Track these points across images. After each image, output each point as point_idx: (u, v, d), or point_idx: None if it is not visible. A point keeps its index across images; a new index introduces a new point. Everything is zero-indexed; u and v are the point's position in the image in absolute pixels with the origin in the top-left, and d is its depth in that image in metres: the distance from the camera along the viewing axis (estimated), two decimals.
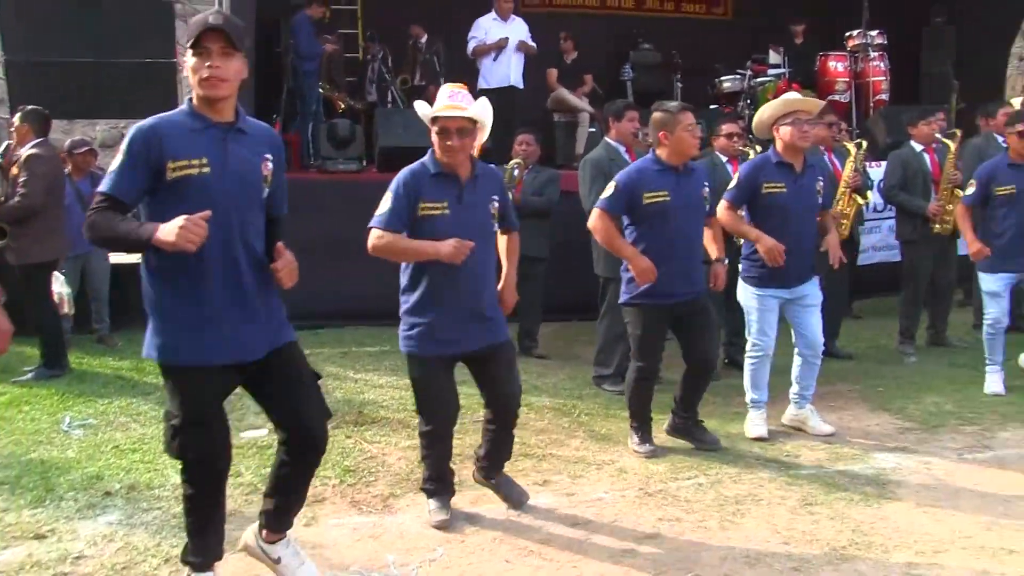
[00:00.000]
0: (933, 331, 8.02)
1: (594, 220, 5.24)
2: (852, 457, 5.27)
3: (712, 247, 5.44)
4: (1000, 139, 8.06)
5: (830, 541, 4.13)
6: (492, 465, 4.58)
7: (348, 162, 9.53)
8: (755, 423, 5.64)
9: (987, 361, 6.59)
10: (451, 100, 4.18)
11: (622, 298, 5.33)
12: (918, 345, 7.77)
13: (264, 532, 3.67)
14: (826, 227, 5.77)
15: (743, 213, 5.56)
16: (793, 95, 5.77)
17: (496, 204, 4.35)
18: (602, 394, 6.56)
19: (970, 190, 6.51)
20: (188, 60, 3.24)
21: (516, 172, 7.39)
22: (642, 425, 5.38)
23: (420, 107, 4.34)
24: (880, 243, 9.58)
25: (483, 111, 4.23)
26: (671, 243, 5.12)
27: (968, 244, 6.45)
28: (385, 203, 4.20)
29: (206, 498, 3.49)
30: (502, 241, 4.54)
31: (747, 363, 5.65)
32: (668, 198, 5.10)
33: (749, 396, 5.67)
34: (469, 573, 3.90)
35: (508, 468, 4.97)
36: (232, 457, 3.54)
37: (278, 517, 3.66)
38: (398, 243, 4.17)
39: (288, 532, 3.71)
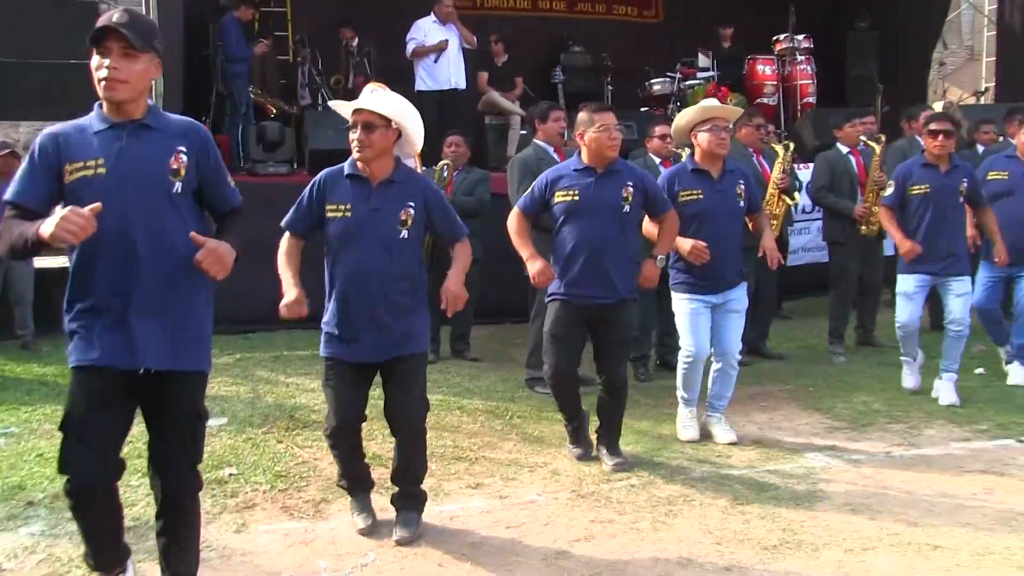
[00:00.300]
0: (861, 331, 8.13)
1: (510, 218, 5.20)
2: (783, 457, 5.31)
3: (658, 243, 5.29)
4: (922, 141, 8.20)
5: (761, 540, 4.14)
6: (399, 478, 4.30)
7: (278, 165, 9.41)
8: (687, 424, 5.62)
9: (902, 357, 6.65)
10: (363, 97, 4.16)
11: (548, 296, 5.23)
12: (847, 345, 7.88)
13: None
14: (761, 229, 5.74)
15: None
16: (711, 102, 5.79)
17: (411, 211, 4.13)
18: (535, 396, 6.53)
19: (889, 191, 6.57)
20: (92, 60, 3.11)
21: (445, 173, 7.34)
22: (573, 424, 5.27)
23: (338, 106, 4.28)
24: (809, 244, 9.71)
25: (395, 109, 4.10)
26: (584, 244, 4.98)
27: (898, 243, 6.49)
28: (293, 206, 4.18)
29: (90, 515, 3.27)
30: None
31: (680, 367, 5.62)
32: (578, 198, 4.99)
33: (680, 394, 5.66)
34: None
35: (440, 471, 4.95)
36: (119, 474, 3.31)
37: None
38: (283, 259, 4.19)
39: None
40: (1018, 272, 6.76)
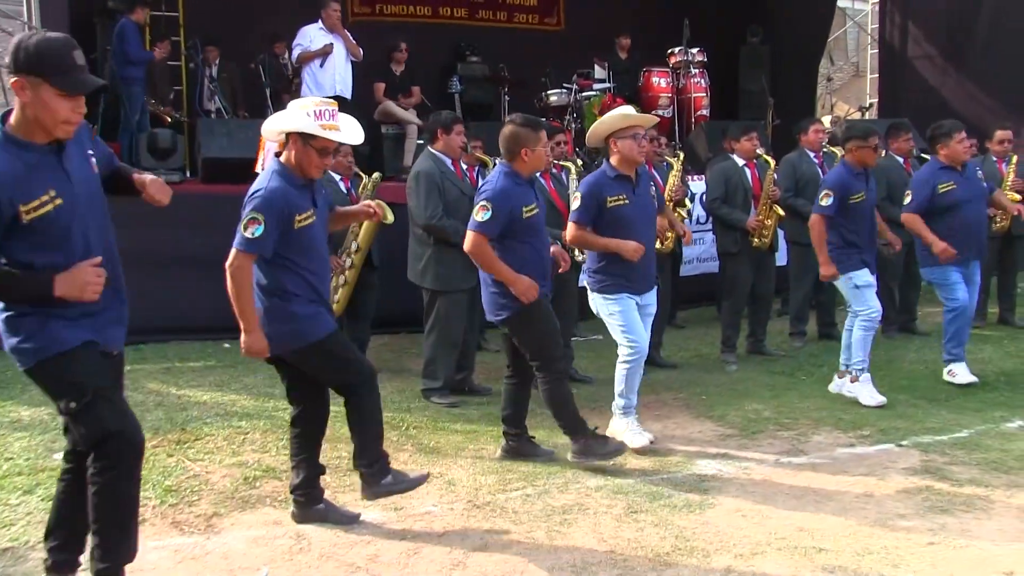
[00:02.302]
0: (753, 340, 8.30)
1: (472, 245, 5.11)
2: (676, 464, 5.39)
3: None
4: (811, 154, 8.45)
5: (654, 547, 4.20)
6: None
7: (169, 173, 9.19)
8: (636, 432, 5.62)
9: (861, 364, 6.72)
10: (334, 120, 4.23)
11: (502, 317, 5.21)
12: (738, 354, 8.04)
13: None
14: (672, 222, 5.99)
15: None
16: (629, 109, 5.88)
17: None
18: (431, 407, 6.51)
19: (825, 201, 6.68)
20: (47, 95, 3.15)
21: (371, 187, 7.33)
22: (584, 427, 5.30)
23: (295, 120, 4.23)
24: (703, 255, 9.88)
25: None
26: (540, 252, 5.26)
27: (822, 266, 6.73)
28: (254, 227, 4.07)
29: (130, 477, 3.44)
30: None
31: (622, 368, 5.62)
32: (537, 210, 5.20)
33: (623, 403, 5.66)
34: None
35: (335, 482, 4.90)
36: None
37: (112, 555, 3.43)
38: (247, 293, 4.17)
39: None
40: (968, 273, 7.05)
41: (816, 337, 8.59)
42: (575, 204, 5.63)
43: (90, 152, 3.43)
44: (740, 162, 8.06)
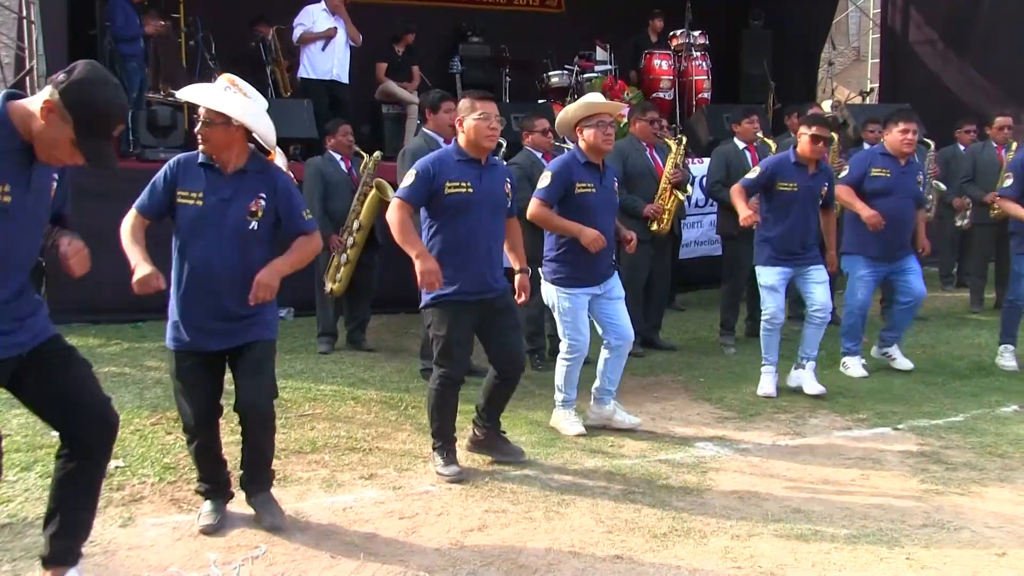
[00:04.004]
0: (751, 323, 8.30)
1: (392, 210, 4.80)
2: (674, 446, 5.41)
3: (513, 258, 5.18)
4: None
5: (651, 529, 4.23)
6: (248, 479, 4.29)
7: (169, 151, 9.16)
8: (571, 421, 5.61)
9: (763, 360, 6.64)
10: (204, 91, 4.09)
11: (423, 302, 4.94)
12: (737, 337, 8.05)
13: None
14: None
15: None
16: (595, 96, 5.79)
17: (262, 203, 4.06)
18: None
19: (753, 174, 6.66)
20: (63, 136, 3.09)
21: (371, 165, 7.33)
22: (447, 444, 4.93)
23: (184, 95, 4.15)
24: (702, 238, 9.89)
25: (235, 110, 3.98)
26: (474, 237, 4.83)
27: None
28: (148, 186, 4.06)
29: None
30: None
31: (562, 363, 5.59)
32: (471, 190, 4.80)
33: (562, 396, 5.64)
34: (293, 570, 3.82)
35: (334, 461, 4.92)
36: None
37: (61, 542, 3.43)
38: (128, 236, 4.00)
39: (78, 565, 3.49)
40: (900, 268, 6.95)
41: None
42: (543, 182, 5.46)
43: (55, 176, 3.32)
44: (741, 145, 8.06)
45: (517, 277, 5.13)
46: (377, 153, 7.39)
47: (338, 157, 7.42)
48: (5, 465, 4.73)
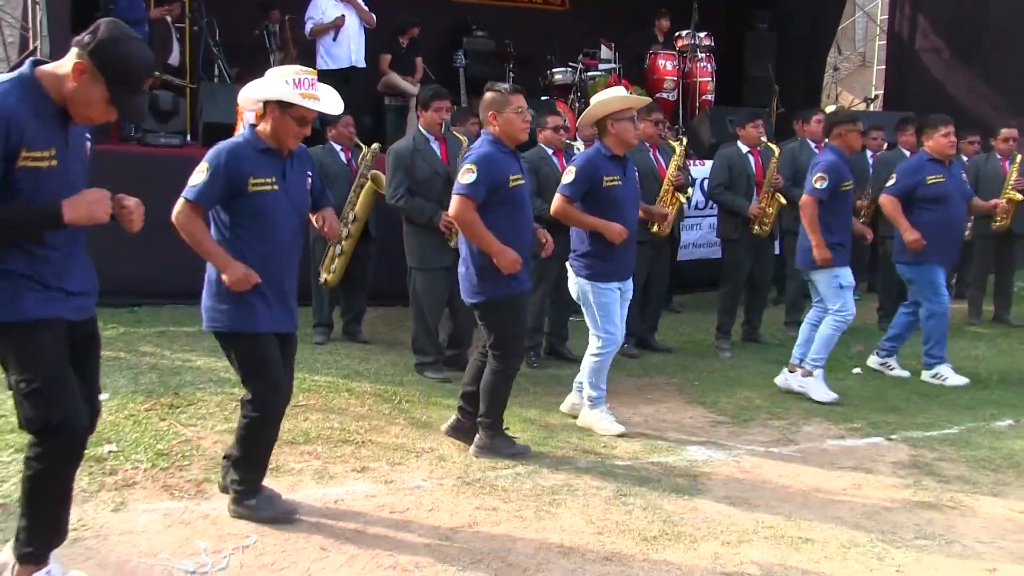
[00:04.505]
0: (748, 327, 8.32)
1: (460, 210, 4.91)
2: (666, 449, 5.40)
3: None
4: (812, 144, 8.43)
5: (642, 531, 4.22)
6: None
7: (170, 136, 9.14)
8: (610, 421, 5.61)
9: (817, 362, 6.54)
10: (312, 89, 4.08)
11: (491, 294, 5.00)
12: (733, 341, 8.04)
13: (17, 569, 3.38)
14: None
15: None
16: (620, 91, 5.84)
17: (310, 181, 4.30)
18: (423, 381, 6.52)
19: (820, 184, 6.49)
20: (97, 95, 3.13)
21: (368, 157, 7.31)
22: (498, 429, 5.14)
23: (274, 88, 4.07)
24: (700, 240, 9.88)
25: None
26: (526, 227, 5.10)
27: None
28: (199, 175, 4.00)
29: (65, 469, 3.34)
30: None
31: (595, 358, 5.59)
32: (523, 181, 5.06)
33: (594, 393, 5.63)
34: (283, 561, 3.81)
35: (327, 453, 4.91)
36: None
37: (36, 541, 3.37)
38: (202, 233, 4.02)
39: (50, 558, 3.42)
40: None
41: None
42: (567, 178, 5.54)
43: (88, 136, 3.39)
44: (744, 149, 8.05)
45: (537, 233, 5.33)
46: (375, 145, 7.37)
47: (338, 148, 7.39)
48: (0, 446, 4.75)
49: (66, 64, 3.12)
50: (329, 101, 4.16)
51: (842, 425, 5.98)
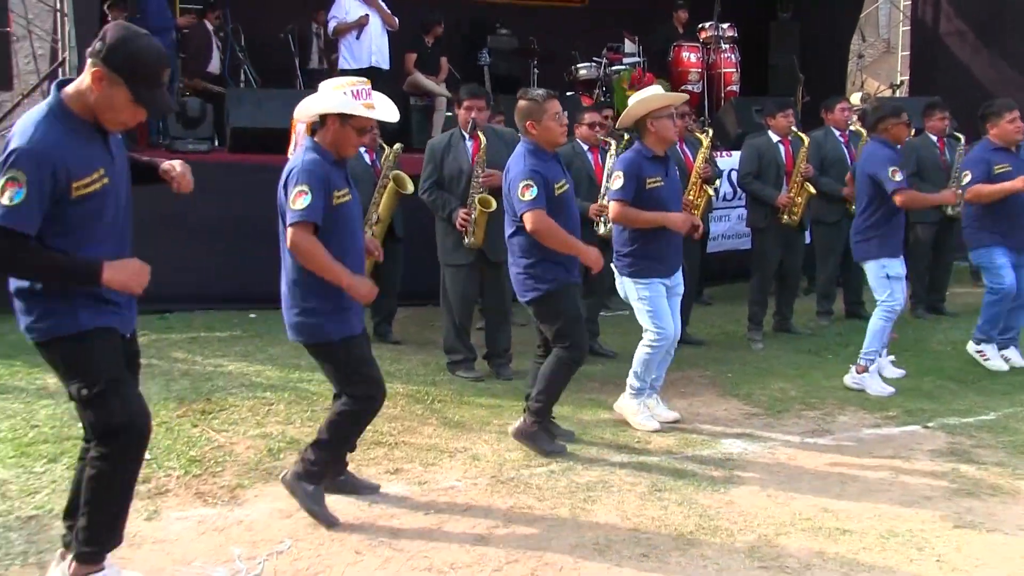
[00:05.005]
0: (779, 318, 8.26)
1: (533, 224, 4.99)
2: (701, 443, 5.38)
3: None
4: (837, 133, 8.36)
5: (678, 526, 4.21)
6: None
7: (198, 142, 9.20)
8: (645, 415, 5.61)
9: (871, 354, 6.50)
10: (370, 99, 4.19)
11: (547, 285, 5.11)
12: (765, 332, 7.99)
13: (73, 566, 3.44)
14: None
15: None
16: (659, 89, 5.85)
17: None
18: (456, 380, 6.52)
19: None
20: (121, 98, 3.21)
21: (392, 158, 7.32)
22: (546, 419, 5.25)
23: (333, 101, 4.15)
24: (729, 231, 9.83)
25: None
26: (573, 228, 5.16)
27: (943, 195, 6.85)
28: (304, 197, 4.02)
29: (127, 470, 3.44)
30: None
31: (644, 351, 5.58)
32: (568, 185, 5.17)
33: (637, 384, 5.62)
34: (317, 565, 3.82)
35: (360, 456, 4.92)
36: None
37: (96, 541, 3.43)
38: (325, 254, 4.07)
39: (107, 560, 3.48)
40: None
41: (843, 316, 8.53)
42: (616, 183, 5.56)
43: (119, 137, 3.48)
44: (775, 138, 8.00)
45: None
46: (398, 145, 7.38)
47: (362, 149, 7.40)
48: (32, 456, 4.80)
49: (86, 77, 3.18)
50: (385, 109, 4.28)
51: (878, 414, 5.93)
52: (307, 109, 4.23)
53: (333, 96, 4.14)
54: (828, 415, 5.92)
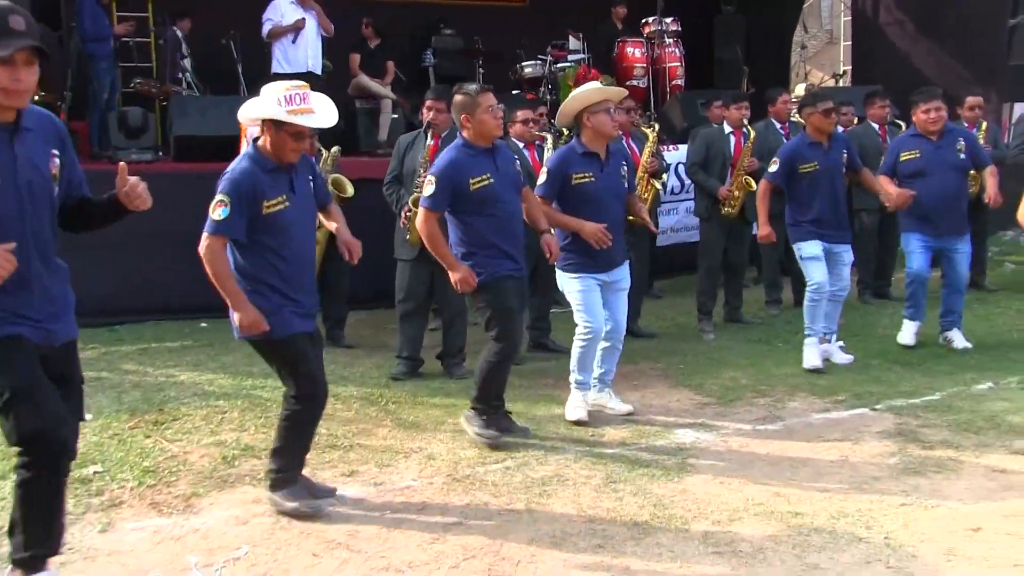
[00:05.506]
0: (729, 308, 8.35)
1: (421, 222, 5.11)
2: (654, 433, 5.43)
3: (537, 219, 5.38)
4: (778, 125, 8.47)
5: (633, 516, 4.25)
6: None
7: (142, 152, 9.12)
8: (577, 406, 5.64)
9: (807, 331, 6.73)
10: (304, 103, 4.14)
11: (482, 278, 5.11)
12: (715, 322, 8.08)
13: (17, 573, 3.42)
14: (634, 206, 5.95)
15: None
16: (595, 84, 5.86)
17: (311, 185, 4.38)
18: (409, 382, 6.52)
19: (773, 168, 6.79)
20: None
21: (330, 162, 7.29)
22: (490, 407, 5.28)
23: (265, 107, 4.15)
24: (677, 224, 9.92)
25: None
26: (507, 221, 5.14)
27: (760, 226, 6.78)
28: (220, 209, 4.05)
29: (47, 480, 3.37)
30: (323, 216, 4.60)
31: (577, 344, 5.62)
32: (492, 180, 5.08)
33: (575, 377, 5.67)
34: (275, 570, 3.82)
35: (314, 459, 4.90)
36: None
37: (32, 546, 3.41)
38: (227, 272, 4.11)
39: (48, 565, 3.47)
40: (950, 245, 7.04)
41: (792, 304, 8.64)
42: (540, 179, 5.60)
43: (55, 152, 3.33)
44: (728, 129, 8.09)
45: (543, 238, 5.34)
46: (335, 149, 7.36)
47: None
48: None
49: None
50: (321, 114, 4.22)
51: (827, 398, 6.03)
52: (245, 115, 4.25)
53: (267, 102, 4.13)
54: (779, 402, 6.01)
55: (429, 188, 5.05)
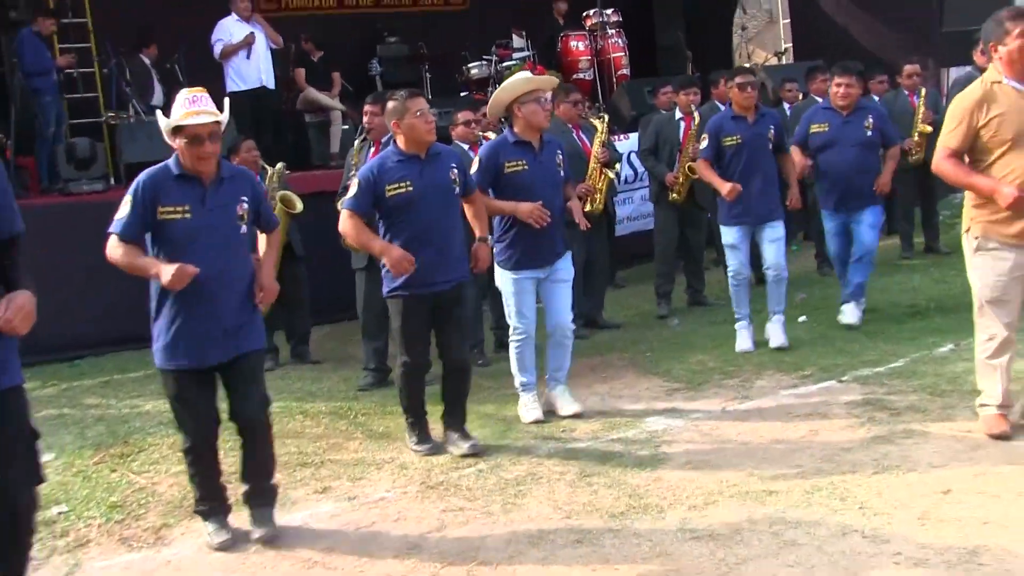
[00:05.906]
0: (691, 291, 8.39)
1: (342, 222, 5.09)
2: (625, 424, 5.43)
3: (475, 224, 5.34)
4: (722, 107, 8.51)
5: (609, 509, 4.25)
6: (253, 492, 4.33)
7: (92, 182, 8.99)
8: (529, 407, 5.62)
9: (735, 316, 6.83)
10: (194, 106, 4.03)
11: (384, 290, 5.14)
12: (679, 307, 8.11)
13: None
14: (568, 195, 5.88)
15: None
16: (527, 74, 5.85)
17: (245, 206, 4.20)
18: (377, 392, 6.48)
19: (703, 144, 6.81)
20: None
21: (276, 179, 7.20)
22: (417, 421, 5.25)
23: (161, 120, 4.12)
24: (634, 213, 9.95)
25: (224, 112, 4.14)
26: (424, 232, 4.99)
27: (719, 188, 6.66)
28: (124, 208, 4.02)
29: None
30: (262, 240, 4.43)
31: (512, 348, 5.63)
32: (411, 188, 4.96)
33: (518, 380, 5.65)
34: None
35: (286, 479, 4.86)
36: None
37: None
38: (131, 256, 4.03)
39: None
40: (854, 218, 7.03)
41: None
42: (472, 169, 5.53)
43: None
44: (678, 115, 8.13)
45: (474, 245, 5.28)
46: (280, 165, 7.28)
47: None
48: None
49: None
50: (203, 113, 4.06)
51: (793, 374, 6.06)
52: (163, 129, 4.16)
53: (171, 112, 4.12)
54: (746, 382, 6.03)
55: (352, 189, 5.07)
